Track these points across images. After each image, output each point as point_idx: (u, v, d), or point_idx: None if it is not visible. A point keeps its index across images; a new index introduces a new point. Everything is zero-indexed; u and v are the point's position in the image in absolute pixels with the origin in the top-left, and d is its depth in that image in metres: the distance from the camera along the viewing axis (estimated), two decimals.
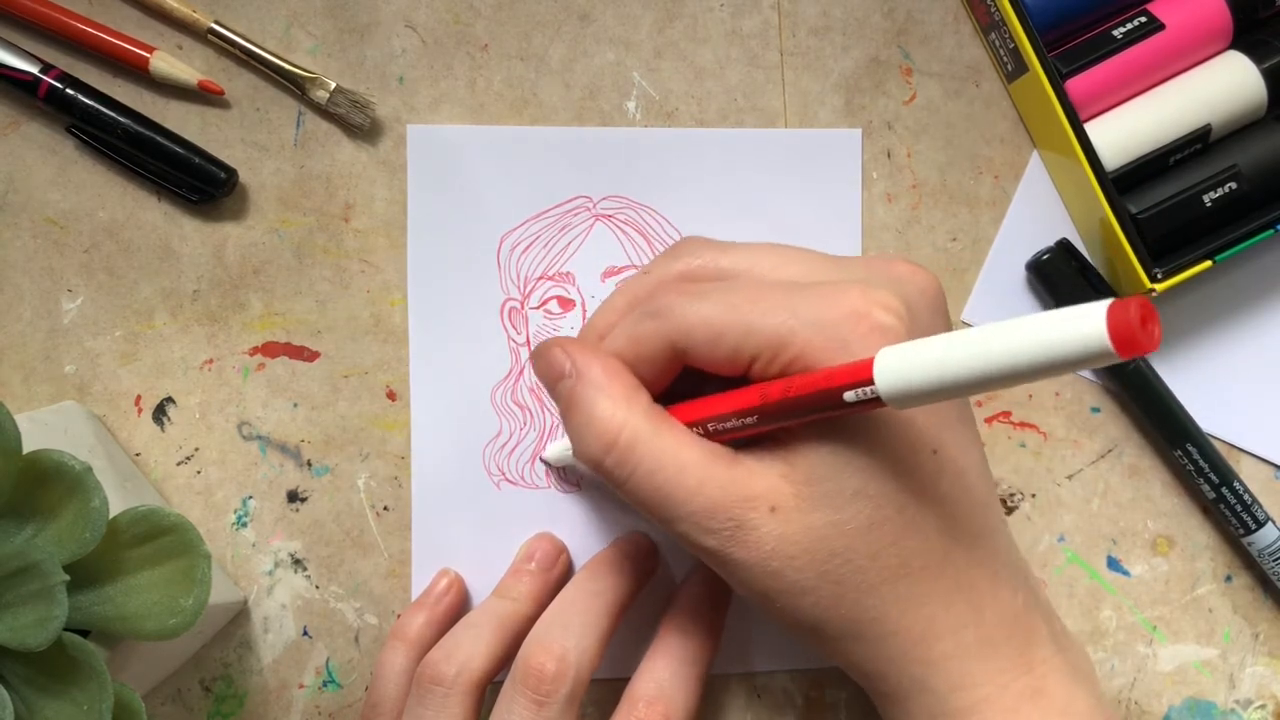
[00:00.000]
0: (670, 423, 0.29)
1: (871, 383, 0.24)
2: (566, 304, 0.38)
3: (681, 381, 0.31)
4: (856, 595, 0.28)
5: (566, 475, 0.38)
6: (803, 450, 0.28)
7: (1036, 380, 0.22)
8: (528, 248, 0.38)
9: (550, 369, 0.31)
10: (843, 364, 0.25)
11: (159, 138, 0.36)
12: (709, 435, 0.29)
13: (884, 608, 0.28)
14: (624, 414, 0.29)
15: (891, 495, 0.27)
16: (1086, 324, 0.20)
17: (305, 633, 0.37)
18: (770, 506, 0.28)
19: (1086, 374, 0.39)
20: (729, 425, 0.29)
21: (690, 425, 0.29)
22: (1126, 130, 0.37)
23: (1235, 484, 0.38)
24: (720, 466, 0.28)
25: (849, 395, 0.25)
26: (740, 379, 0.29)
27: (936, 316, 0.30)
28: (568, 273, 0.38)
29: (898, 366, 0.23)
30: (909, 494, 0.28)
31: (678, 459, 0.28)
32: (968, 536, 0.29)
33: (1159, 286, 0.36)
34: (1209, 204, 0.36)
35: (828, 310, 0.27)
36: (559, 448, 0.37)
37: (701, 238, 0.32)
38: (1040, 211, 0.39)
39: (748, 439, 0.29)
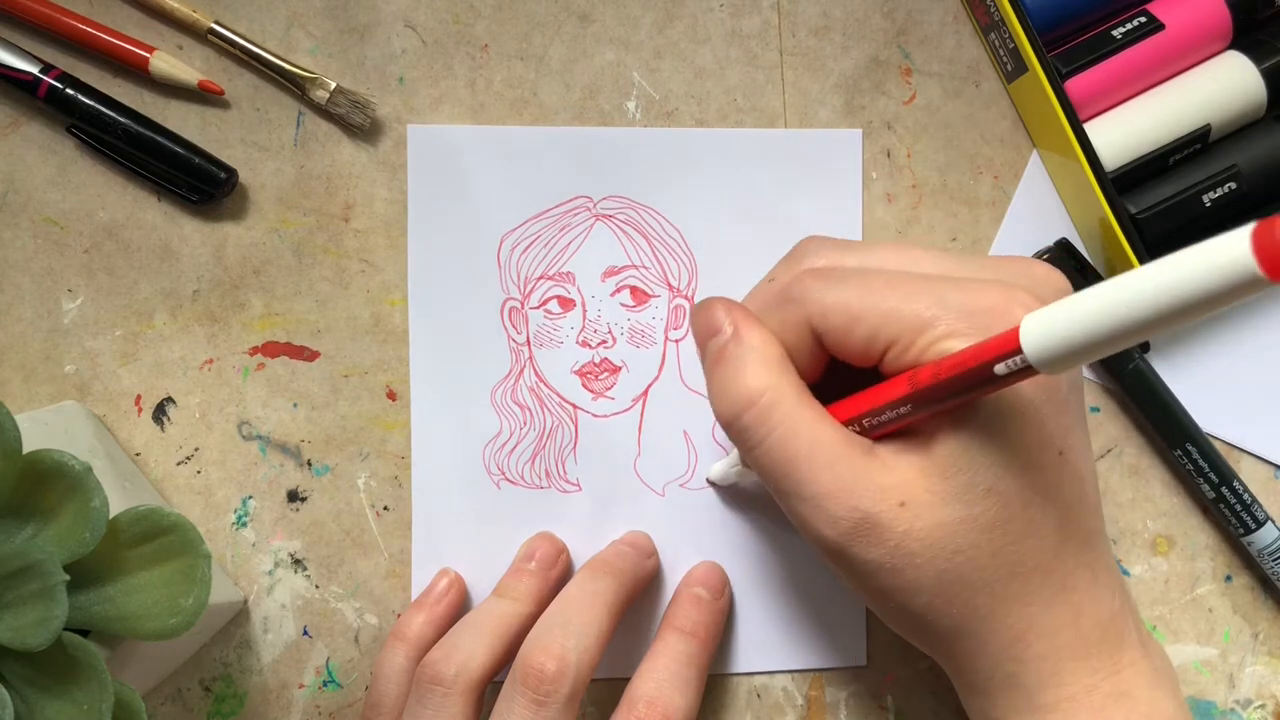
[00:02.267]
0: (814, 401, 0.29)
1: (1020, 351, 0.24)
2: (567, 304, 0.38)
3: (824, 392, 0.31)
4: (970, 593, 0.28)
5: (726, 494, 0.38)
6: (941, 442, 0.28)
7: (1185, 321, 0.21)
8: (528, 247, 0.38)
9: (708, 324, 0.31)
10: (986, 340, 0.25)
11: (159, 138, 0.36)
12: (864, 432, 0.29)
13: (993, 606, 0.28)
14: (773, 378, 0.29)
15: (1019, 493, 0.28)
16: (1231, 251, 0.19)
17: (305, 633, 0.37)
18: (900, 501, 0.28)
19: (1086, 373, 0.39)
20: (883, 418, 0.28)
21: (846, 425, 0.29)
22: (1126, 130, 0.37)
23: (1235, 484, 0.38)
24: (856, 452, 0.28)
25: (999, 368, 0.24)
26: (871, 373, 0.29)
27: None
28: (568, 272, 0.38)
29: (1043, 329, 0.23)
30: (1034, 493, 0.28)
31: (814, 433, 0.28)
32: (1077, 540, 0.29)
33: None
34: (1209, 204, 0.36)
35: (971, 301, 0.27)
36: (723, 466, 0.37)
37: (822, 237, 0.32)
38: (1040, 211, 0.39)
39: (886, 434, 0.29)
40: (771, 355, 0.30)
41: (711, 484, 0.38)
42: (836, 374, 0.31)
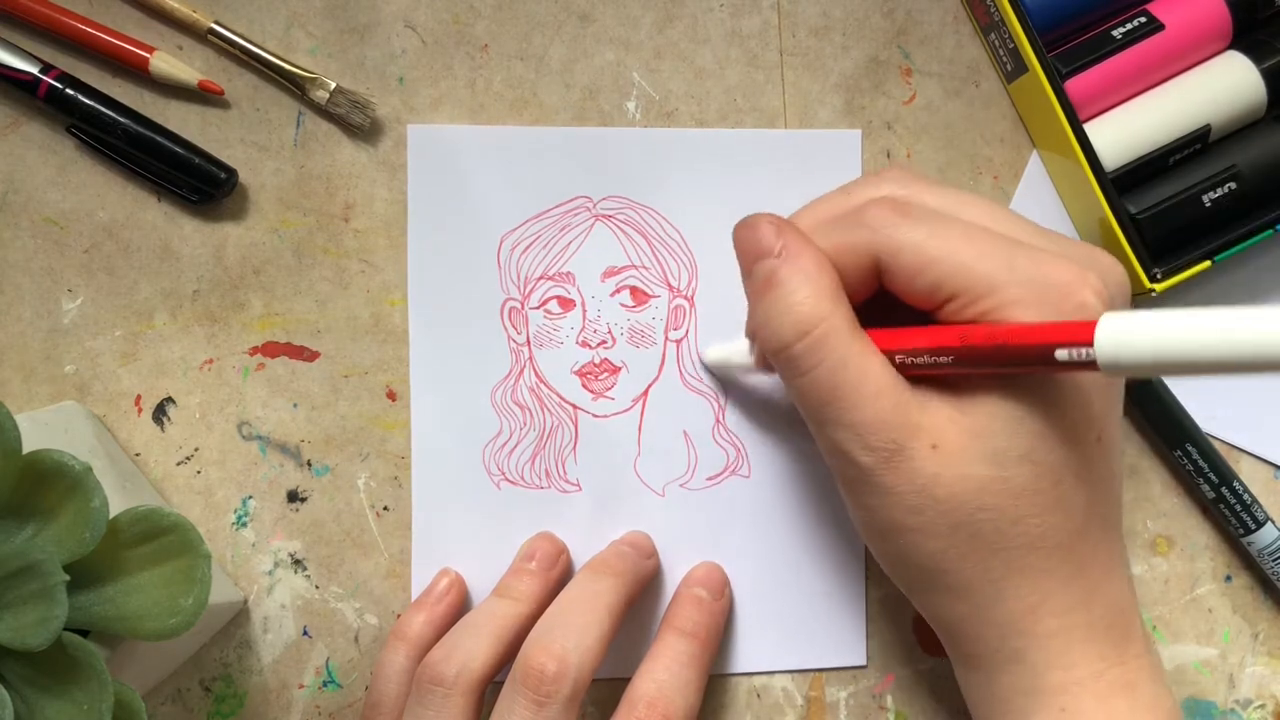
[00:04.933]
0: (863, 333, 0.29)
1: (1090, 344, 0.24)
2: (567, 304, 0.38)
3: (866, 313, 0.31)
4: (986, 554, 0.28)
5: (715, 376, 0.38)
6: (978, 401, 0.28)
7: (1253, 374, 0.22)
8: (528, 248, 0.38)
9: (757, 244, 0.30)
10: (1056, 322, 0.25)
11: (159, 138, 0.36)
12: (897, 368, 0.29)
13: (1008, 573, 0.28)
14: (827, 308, 0.28)
15: (1054, 467, 0.28)
16: None
17: (305, 633, 0.37)
18: (932, 443, 0.28)
19: None
20: (920, 361, 0.28)
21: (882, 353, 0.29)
22: (1126, 130, 0.37)
23: (1235, 484, 0.38)
24: (899, 387, 0.28)
25: (1061, 354, 0.24)
26: (922, 317, 0.29)
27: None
28: (568, 273, 0.38)
29: (1121, 333, 0.23)
30: (1068, 470, 0.28)
31: (862, 365, 0.28)
32: (1100, 524, 0.29)
33: (1158, 287, 0.36)
34: (1208, 204, 0.36)
35: (1042, 273, 0.27)
36: (722, 349, 0.37)
37: (907, 168, 0.32)
38: (1040, 211, 0.39)
39: (926, 378, 0.29)
40: (826, 284, 0.29)
41: (704, 365, 0.38)
42: (882, 304, 0.30)
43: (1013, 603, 0.28)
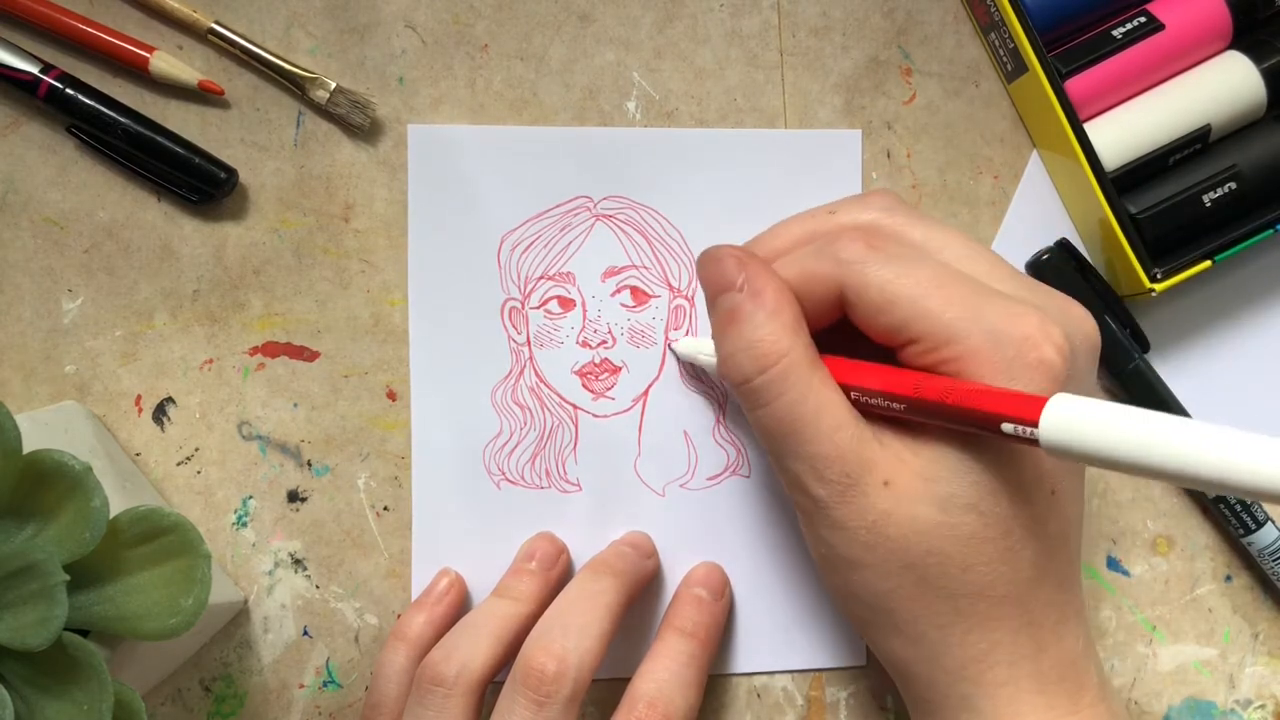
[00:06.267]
0: (823, 367, 0.29)
1: (1035, 424, 0.24)
2: (567, 304, 0.38)
3: (827, 340, 0.31)
4: (934, 599, 0.28)
5: (686, 369, 0.38)
6: (929, 445, 0.28)
7: (1196, 489, 0.22)
8: (528, 248, 0.38)
9: (720, 278, 0.30)
10: (1008, 390, 0.25)
11: (159, 138, 0.36)
12: (852, 403, 0.29)
13: (956, 619, 0.28)
14: (788, 342, 0.29)
15: (1002, 519, 0.28)
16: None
17: (305, 633, 0.37)
18: (885, 479, 0.28)
19: None
20: (873, 401, 0.29)
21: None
22: (1126, 130, 0.37)
23: None
24: (857, 421, 0.29)
25: (1007, 427, 0.24)
26: (882, 351, 0.29)
27: (1091, 366, 0.30)
28: (568, 273, 0.38)
29: (1067, 419, 0.23)
30: (1017, 523, 0.28)
31: (820, 399, 0.28)
32: (1053, 580, 0.29)
33: (1158, 287, 0.36)
34: (1209, 204, 0.36)
35: (1005, 326, 0.27)
36: (692, 344, 0.37)
37: (893, 194, 0.32)
38: (1040, 211, 0.39)
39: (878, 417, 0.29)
40: (787, 318, 0.29)
41: (672, 351, 0.38)
42: (842, 325, 0.31)
43: (960, 650, 0.28)
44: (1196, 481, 0.21)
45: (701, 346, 0.37)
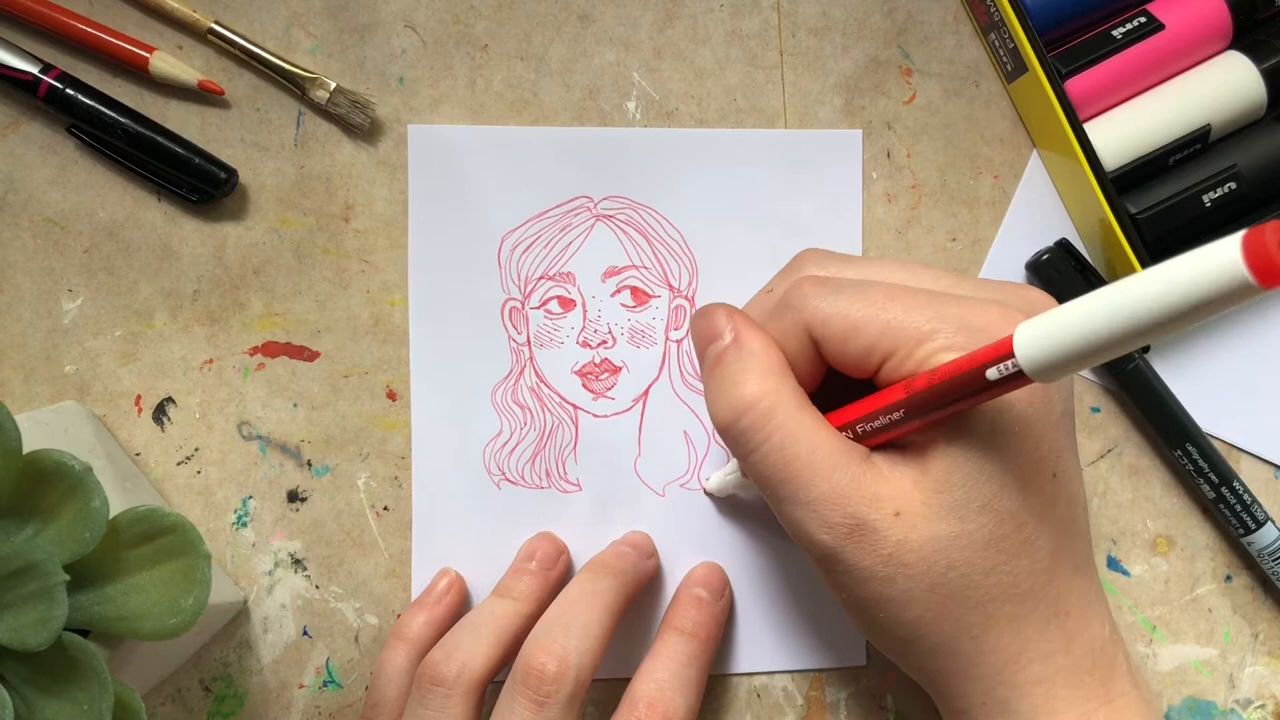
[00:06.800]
0: (812, 407, 0.29)
1: (1012, 355, 0.24)
2: (567, 304, 0.38)
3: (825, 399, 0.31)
4: (963, 610, 0.28)
5: (724, 504, 0.38)
6: (937, 456, 0.28)
7: (1177, 329, 0.21)
8: (528, 248, 0.38)
9: (709, 329, 0.31)
10: (981, 348, 0.25)
11: (159, 138, 0.36)
12: (858, 439, 0.29)
13: (986, 625, 0.28)
14: (771, 384, 0.29)
15: (1015, 512, 0.28)
16: (1222, 258, 0.19)
17: (305, 633, 0.37)
18: (895, 510, 0.28)
19: (1087, 374, 0.39)
20: (877, 424, 0.28)
21: (839, 430, 0.29)
22: (1126, 130, 0.37)
23: (1235, 484, 0.38)
24: (854, 459, 0.28)
25: (992, 372, 0.24)
26: (867, 384, 0.29)
27: None
28: (568, 273, 0.38)
29: (1036, 335, 0.23)
30: (1029, 513, 0.28)
31: (812, 440, 0.28)
32: (1070, 563, 0.29)
33: None
34: (1208, 204, 0.36)
35: (970, 317, 0.27)
36: (719, 475, 0.37)
37: (820, 249, 0.32)
38: (1040, 211, 0.39)
39: (885, 443, 0.29)
40: (770, 361, 0.29)
41: (708, 494, 0.38)
42: (837, 389, 0.31)
43: (994, 655, 0.28)
44: (1169, 319, 0.21)
45: (728, 471, 0.37)
